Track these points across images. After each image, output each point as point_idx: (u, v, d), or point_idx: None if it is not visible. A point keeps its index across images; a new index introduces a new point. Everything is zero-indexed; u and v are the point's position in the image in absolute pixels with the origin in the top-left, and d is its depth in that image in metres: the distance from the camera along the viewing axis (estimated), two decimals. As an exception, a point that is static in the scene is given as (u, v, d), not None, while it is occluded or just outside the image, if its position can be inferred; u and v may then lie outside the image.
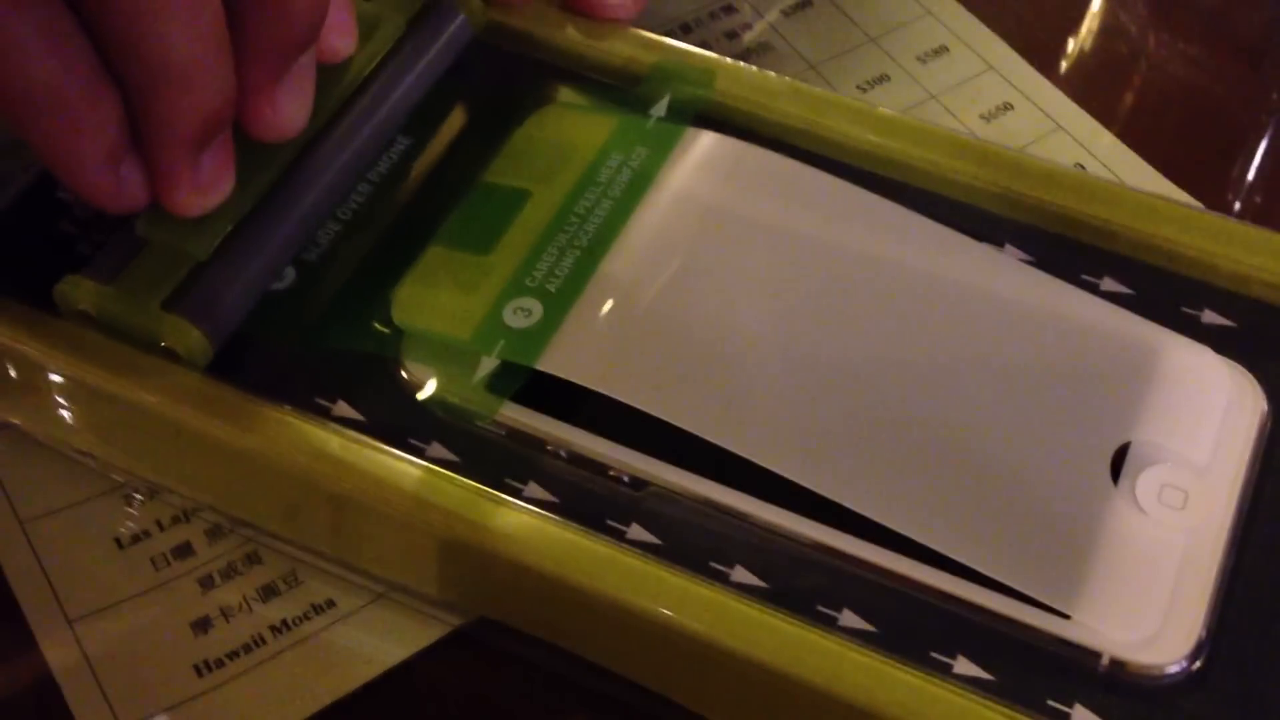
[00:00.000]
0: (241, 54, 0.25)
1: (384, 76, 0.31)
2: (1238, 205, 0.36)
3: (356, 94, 0.30)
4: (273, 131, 0.27)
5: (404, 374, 0.27)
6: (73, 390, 0.28)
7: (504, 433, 0.27)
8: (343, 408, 0.27)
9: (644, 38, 0.33)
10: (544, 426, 0.26)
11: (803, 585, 0.25)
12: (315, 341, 0.28)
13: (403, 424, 0.27)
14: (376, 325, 0.28)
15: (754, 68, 0.32)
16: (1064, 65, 0.39)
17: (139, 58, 0.24)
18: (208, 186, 0.26)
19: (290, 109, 0.27)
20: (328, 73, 0.29)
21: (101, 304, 0.27)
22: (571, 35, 0.33)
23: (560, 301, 0.28)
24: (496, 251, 0.29)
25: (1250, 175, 0.37)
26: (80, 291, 0.27)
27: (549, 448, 0.26)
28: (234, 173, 0.27)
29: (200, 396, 0.27)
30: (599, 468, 0.26)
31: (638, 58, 0.32)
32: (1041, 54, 0.39)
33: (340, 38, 0.29)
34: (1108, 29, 0.40)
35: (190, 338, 0.27)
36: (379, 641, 0.28)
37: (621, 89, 0.32)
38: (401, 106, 0.31)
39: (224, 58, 0.24)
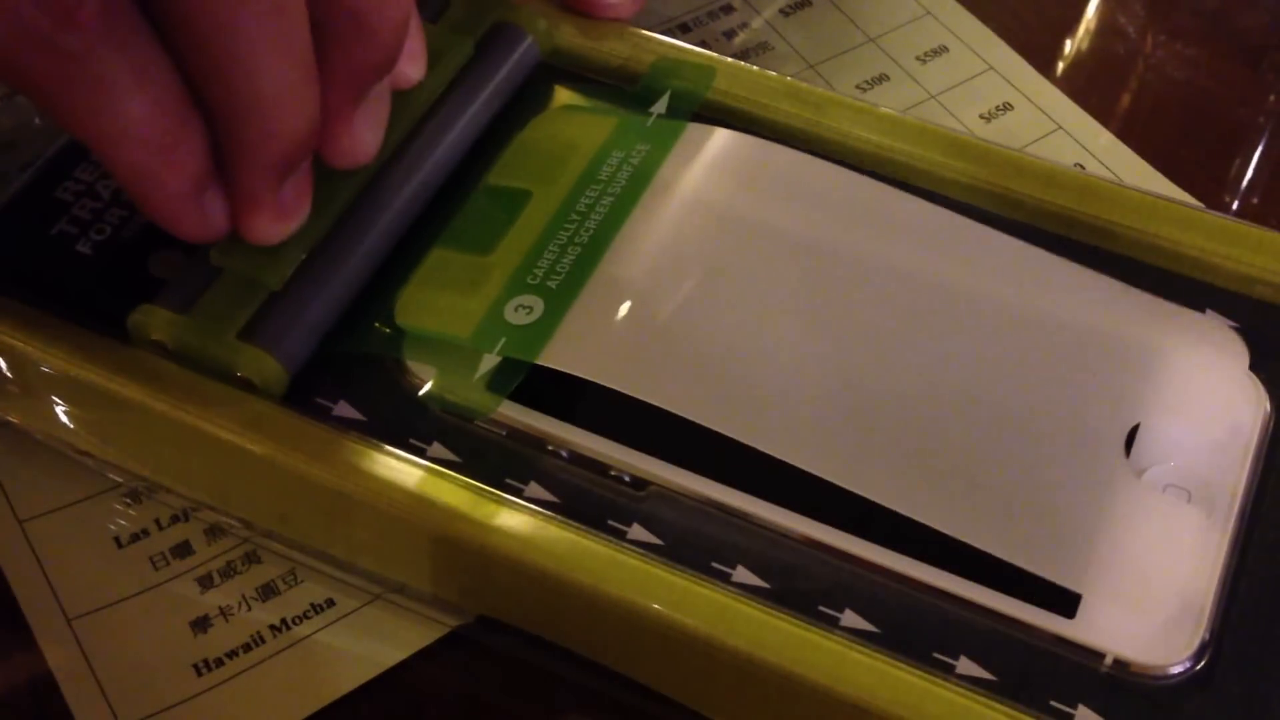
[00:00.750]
0: (322, 79, 0.25)
1: (452, 101, 0.30)
2: (1236, 205, 0.36)
3: (425, 119, 0.30)
4: (348, 158, 0.27)
5: (405, 374, 0.27)
6: (72, 389, 0.27)
7: (505, 432, 0.27)
8: (344, 408, 0.27)
9: (642, 36, 0.33)
10: (545, 426, 0.26)
11: (805, 585, 0.25)
12: (318, 344, 0.28)
13: (404, 424, 0.27)
14: (379, 327, 0.28)
15: (753, 67, 0.32)
16: (1063, 65, 0.39)
17: (229, 86, 0.23)
18: (288, 213, 0.26)
19: (366, 135, 0.27)
20: (397, 98, 0.28)
21: (176, 334, 0.27)
22: (570, 34, 0.33)
23: (562, 298, 0.27)
24: (498, 251, 0.28)
25: (1249, 175, 0.37)
26: (155, 321, 0.27)
27: (550, 447, 0.26)
28: (311, 199, 0.27)
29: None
30: (600, 467, 0.26)
31: (636, 56, 0.32)
32: (1041, 54, 0.39)
33: (411, 64, 0.29)
34: (1107, 29, 0.40)
35: (268, 368, 0.26)
36: (377, 642, 0.27)
37: (621, 88, 0.32)
38: (469, 131, 0.31)
39: (312, 84, 0.24)
